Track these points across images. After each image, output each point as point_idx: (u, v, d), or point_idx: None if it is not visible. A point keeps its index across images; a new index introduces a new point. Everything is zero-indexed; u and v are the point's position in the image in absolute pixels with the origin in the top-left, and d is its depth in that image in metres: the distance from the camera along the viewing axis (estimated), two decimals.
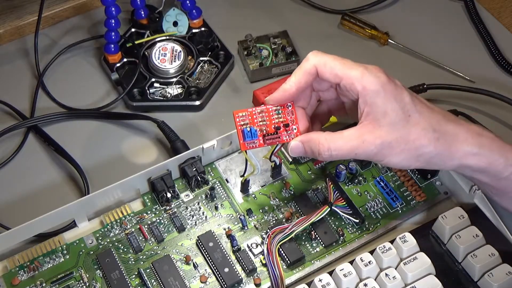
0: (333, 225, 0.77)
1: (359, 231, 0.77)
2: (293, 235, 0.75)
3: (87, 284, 0.72)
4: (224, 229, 0.76)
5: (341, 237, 0.76)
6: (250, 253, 0.75)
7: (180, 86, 0.92)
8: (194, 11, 0.96)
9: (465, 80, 0.95)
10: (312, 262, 0.75)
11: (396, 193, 0.80)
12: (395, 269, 0.72)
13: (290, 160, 0.82)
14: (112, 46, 0.92)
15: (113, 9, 0.89)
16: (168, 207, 0.78)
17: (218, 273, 0.73)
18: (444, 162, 0.68)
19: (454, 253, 0.74)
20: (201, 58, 0.95)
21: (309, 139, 0.69)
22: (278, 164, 0.79)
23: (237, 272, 0.73)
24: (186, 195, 0.79)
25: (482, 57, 0.98)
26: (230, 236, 0.75)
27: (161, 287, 0.72)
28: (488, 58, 0.98)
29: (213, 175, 0.81)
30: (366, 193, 0.80)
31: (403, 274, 0.72)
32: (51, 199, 0.82)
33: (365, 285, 0.71)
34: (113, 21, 0.90)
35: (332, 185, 0.78)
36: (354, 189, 0.80)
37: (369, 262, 0.72)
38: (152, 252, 0.75)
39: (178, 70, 0.92)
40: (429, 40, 1.00)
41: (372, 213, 0.78)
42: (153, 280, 0.73)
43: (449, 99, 0.93)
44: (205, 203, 0.79)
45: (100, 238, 0.75)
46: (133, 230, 0.76)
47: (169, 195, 0.78)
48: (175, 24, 0.97)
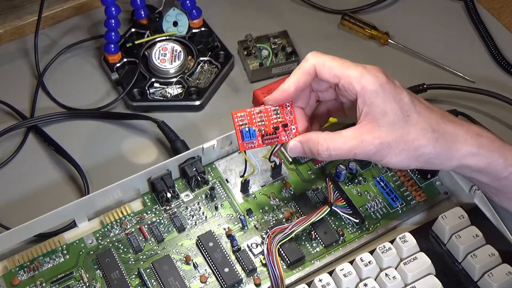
0: (333, 225, 0.77)
1: (359, 231, 0.77)
2: (293, 235, 0.75)
3: (87, 284, 0.72)
4: (224, 229, 0.76)
5: (341, 237, 0.76)
6: (250, 253, 0.75)
7: (180, 86, 0.92)
8: (194, 11, 0.96)
9: (465, 80, 0.95)
10: (312, 262, 0.75)
11: (396, 193, 0.80)
12: (395, 269, 0.72)
13: (290, 160, 0.82)
14: (112, 46, 0.92)
15: (113, 9, 0.89)
16: (168, 207, 0.78)
17: (218, 273, 0.73)
18: (444, 162, 0.68)
19: (454, 253, 0.74)
20: (201, 58, 0.95)
21: (308, 139, 0.69)
22: (278, 164, 0.80)
23: (237, 272, 0.73)
24: (186, 195, 0.79)
25: (482, 57, 0.98)
26: (230, 236, 0.75)
27: (161, 287, 0.72)
28: (488, 58, 0.98)
29: (213, 175, 0.81)
30: (366, 193, 0.80)
31: (403, 274, 0.72)
32: (51, 199, 0.82)
33: (365, 285, 0.71)
34: (113, 21, 0.90)
35: (332, 185, 0.78)
36: (354, 189, 0.80)
37: (369, 262, 0.72)
38: (152, 252, 0.75)
39: (178, 70, 0.92)
40: (429, 40, 1.00)
41: (372, 213, 0.78)
42: (153, 280, 0.73)
43: (449, 99, 0.93)
44: (205, 203, 0.79)
45: (100, 238, 0.75)
46: (133, 230, 0.76)
47: (169, 195, 0.78)
48: (175, 24, 0.97)
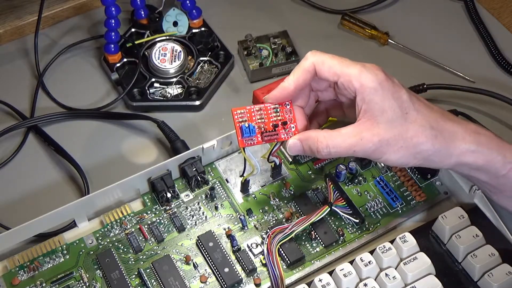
0: (333, 225, 0.77)
1: (359, 231, 0.77)
2: (293, 235, 0.75)
3: (87, 284, 0.72)
4: (224, 229, 0.76)
5: (341, 237, 0.76)
6: (250, 253, 0.75)
7: (180, 86, 0.92)
8: (194, 11, 0.96)
9: (465, 80, 0.95)
10: (312, 262, 0.75)
11: (396, 193, 0.80)
12: (395, 269, 0.72)
13: (290, 160, 0.82)
14: (112, 46, 0.92)
15: (113, 9, 0.89)
16: (168, 207, 0.78)
17: (218, 273, 0.73)
18: (442, 160, 0.68)
19: (454, 253, 0.74)
20: (201, 58, 0.95)
21: (307, 137, 0.69)
22: (278, 164, 0.80)
23: (237, 272, 0.73)
24: (186, 195, 0.79)
25: (482, 57, 0.98)
26: (230, 236, 0.75)
27: (161, 287, 0.72)
28: (488, 58, 0.98)
29: (213, 175, 0.81)
30: (366, 193, 0.80)
31: (403, 274, 0.72)
32: (51, 199, 0.82)
33: (365, 285, 0.71)
34: (113, 21, 0.90)
35: (332, 185, 0.78)
36: (354, 189, 0.80)
37: (369, 262, 0.72)
38: (152, 252, 0.75)
39: (178, 70, 0.92)
40: (429, 40, 1.00)
41: (372, 213, 0.78)
42: (153, 280, 0.73)
43: (449, 99, 0.93)
44: (205, 203, 0.79)
45: (100, 238, 0.75)
46: (133, 230, 0.76)
47: (169, 195, 0.78)
48: (175, 24, 0.97)
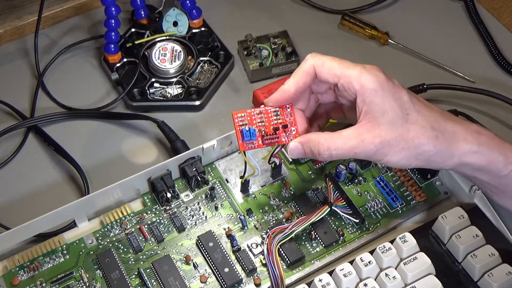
0: (333, 225, 0.77)
1: (359, 231, 0.77)
2: (293, 235, 0.75)
3: (87, 284, 0.72)
4: (224, 229, 0.76)
5: (341, 237, 0.76)
6: (250, 253, 0.75)
7: (180, 86, 0.92)
8: (194, 11, 0.96)
9: (465, 80, 0.95)
10: (312, 262, 0.75)
11: (396, 193, 0.80)
12: (395, 269, 0.72)
13: (290, 160, 0.82)
14: (112, 46, 0.92)
15: (113, 9, 0.89)
16: (168, 207, 0.78)
17: (218, 273, 0.73)
18: (444, 161, 0.68)
19: (454, 253, 0.74)
20: (201, 58, 0.95)
21: (308, 140, 0.69)
22: (278, 164, 0.80)
23: (237, 272, 0.73)
24: (186, 195, 0.79)
25: (482, 57, 0.98)
26: (230, 236, 0.75)
27: (161, 287, 0.72)
28: (488, 58, 0.98)
29: (213, 175, 0.81)
30: (366, 193, 0.80)
31: (403, 274, 0.72)
32: (51, 199, 0.82)
33: (365, 285, 0.71)
34: (113, 21, 0.90)
35: (332, 185, 0.78)
36: (354, 189, 0.80)
37: (369, 262, 0.72)
38: (152, 252, 0.75)
39: (178, 70, 0.92)
40: (429, 40, 1.00)
41: (372, 213, 0.78)
42: (153, 280, 0.73)
43: (449, 99, 0.93)
44: (205, 203, 0.79)
45: (100, 238, 0.75)
46: (133, 230, 0.76)
47: (169, 195, 0.78)
48: (175, 24, 0.97)
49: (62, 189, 0.84)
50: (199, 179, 0.79)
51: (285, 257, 0.74)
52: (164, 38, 0.95)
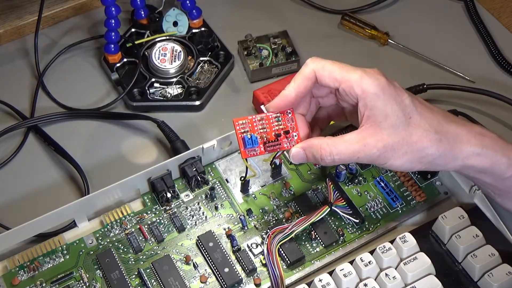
0: (333, 225, 0.77)
1: (359, 231, 0.77)
2: (293, 235, 0.75)
3: (87, 284, 0.72)
4: (224, 229, 0.76)
5: (341, 237, 0.76)
6: (250, 253, 0.75)
7: (180, 86, 0.92)
8: (194, 11, 0.96)
9: (465, 80, 0.95)
10: (312, 262, 0.75)
11: (396, 193, 0.80)
12: (395, 269, 0.72)
13: (290, 161, 0.82)
14: (112, 46, 0.92)
15: (113, 9, 0.89)
16: (168, 207, 0.78)
17: (218, 273, 0.73)
18: (447, 163, 0.68)
19: (454, 253, 0.74)
20: (201, 58, 0.95)
21: (311, 145, 0.69)
22: (278, 164, 0.80)
23: (237, 272, 0.73)
24: (186, 195, 0.79)
25: (482, 57, 0.98)
26: (230, 236, 0.75)
27: (161, 287, 0.72)
28: (488, 58, 0.98)
29: (213, 175, 0.81)
30: (366, 193, 0.80)
31: (403, 274, 0.72)
32: (51, 199, 0.82)
33: (365, 285, 0.71)
34: (113, 21, 0.90)
35: (332, 185, 0.78)
36: (354, 189, 0.80)
37: (369, 262, 0.72)
38: (152, 252, 0.75)
39: (178, 70, 0.92)
40: (429, 40, 1.00)
41: (372, 213, 0.78)
42: (153, 280, 0.73)
43: (449, 99, 0.93)
44: (205, 203, 0.79)
45: (100, 238, 0.75)
46: (133, 230, 0.76)
47: (169, 195, 0.78)
48: (175, 24, 0.97)
49: (62, 189, 0.84)
50: (199, 179, 0.79)
51: (285, 257, 0.74)
52: (164, 38, 0.95)
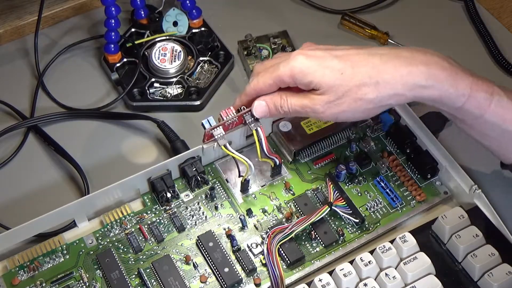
0: (333, 225, 0.77)
1: (359, 231, 0.77)
2: (293, 235, 0.75)
3: (87, 284, 0.72)
4: (224, 229, 0.76)
5: (341, 237, 0.76)
6: (250, 253, 0.75)
7: (180, 86, 0.92)
8: (194, 11, 0.96)
9: None
10: (312, 262, 0.75)
11: (396, 193, 0.80)
12: (395, 269, 0.72)
13: (290, 160, 0.82)
14: (112, 46, 0.92)
15: (113, 9, 0.89)
16: (168, 207, 0.78)
17: (218, 273, 0.73)
18: (397, 101, 0.70)
19: (454, 253, 0.75)
20: (201, 58, 0.95)
21: (272, 96, 0.73)
22: (278, 164, 0.79)
23: (237, 272, 0.73)
24: (186, 195, 0.79)
25: (482, 57, 0.98)
26: (230, 236, 0.75)
27: (161, 287, 0.72)
28: (488, 58, 0.98)
29: (213, 175, 0.81)
30: (366, 193, 0.80)
31: (403, 274, 0.72)
32: (51, 199, 0.82)
33: (365, 285, 0.71)
34: (113, 21, 0.90)
35: (332, 185, 0.78)
36: (354, 189, 0.80)
37: (369, 262, 0.72)
38: (152, 252, 0.75)
39: (178, 70, 0.92)
40: (429, 40, 1.00)
41: (372, 213, 0.78)
42: (153, 280, 0.73)
43: None
44: (205, 203, 0.79)
45: (100, 238, 0.75)
46: (133, 230, 0.76)
47: (169, 195, 0.78)
48: (175, 24, 0.97)
49: (62, 189, 0.84)
50: (199, 179, 0.79)
51: (285, 257, 0.74)
52: (164, 38, 0.95)
